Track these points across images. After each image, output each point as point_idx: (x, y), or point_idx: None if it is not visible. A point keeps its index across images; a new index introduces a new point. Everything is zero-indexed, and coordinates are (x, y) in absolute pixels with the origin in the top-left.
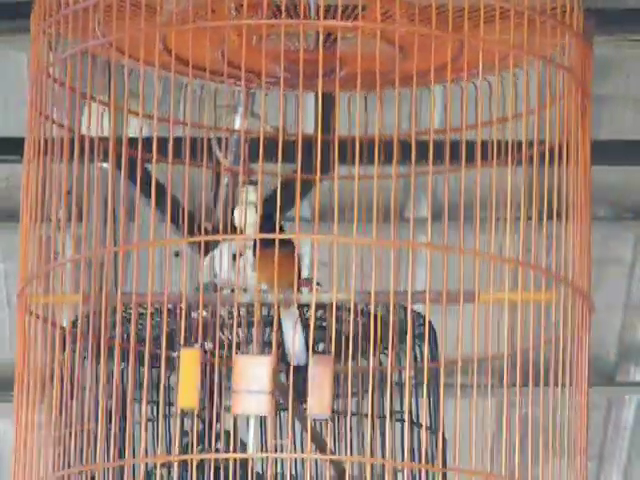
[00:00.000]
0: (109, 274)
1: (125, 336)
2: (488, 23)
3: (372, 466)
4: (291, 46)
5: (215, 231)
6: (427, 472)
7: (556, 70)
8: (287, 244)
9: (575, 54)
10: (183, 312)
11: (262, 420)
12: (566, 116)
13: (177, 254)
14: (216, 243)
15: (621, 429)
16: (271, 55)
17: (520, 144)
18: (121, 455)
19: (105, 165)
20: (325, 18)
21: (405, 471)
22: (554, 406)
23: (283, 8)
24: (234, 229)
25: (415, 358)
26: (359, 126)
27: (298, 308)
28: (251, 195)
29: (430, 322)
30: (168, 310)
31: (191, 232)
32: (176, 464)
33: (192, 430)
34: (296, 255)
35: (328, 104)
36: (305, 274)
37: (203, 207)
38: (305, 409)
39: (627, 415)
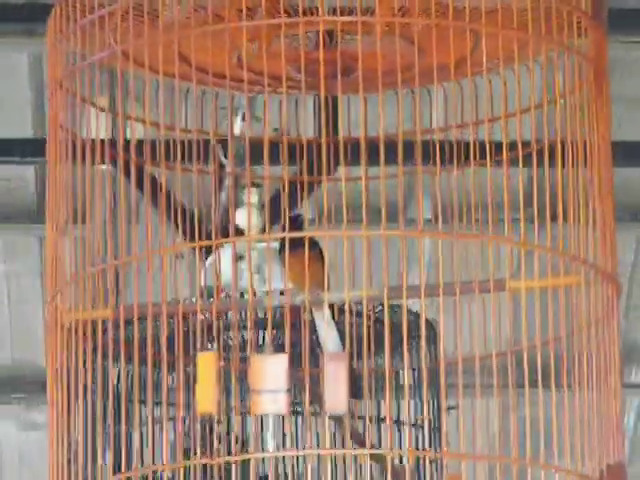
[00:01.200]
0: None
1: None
2: (491, 13)
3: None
4: (299, 46)
5: (218, 233)
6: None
7: (575, 58)
8: (313, 245)
9: (589, 38)
10: (198, 317)
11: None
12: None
13: (181, 256)
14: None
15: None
16: (285, 58)
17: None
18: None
19: (104, 167)
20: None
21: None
22: (585, 394)
23: (282, 8)
24: (237, 231)
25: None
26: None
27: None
28: (253, 197)
29: (430, 322)
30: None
31: (195, 236)
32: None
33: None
34: (315, 255)
35: (329, 106)
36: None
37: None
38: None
39: (628, 417)
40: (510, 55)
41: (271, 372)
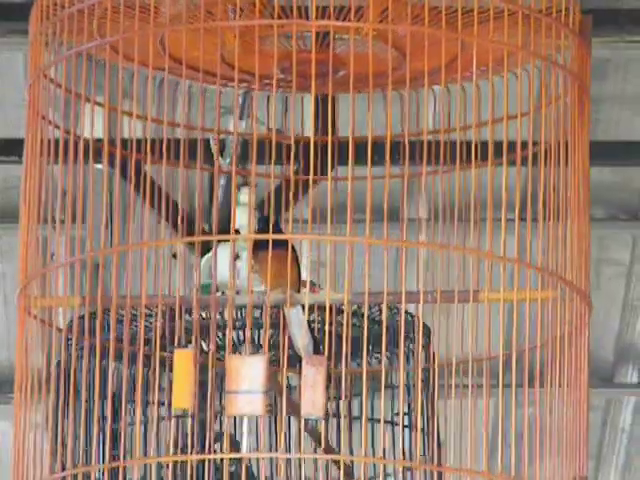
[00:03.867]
0: (107, 276)
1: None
2: (483, 23)
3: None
4: (289, 47)
5: (211, 232)
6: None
7: (556, 69)
8: (286, 245)
9: (574, 53)
10: (178, 313)
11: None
12: (565, 115)
13: (175, 255)
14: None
15: (619, 430)
16: (272, 57)
17: (516, 144)
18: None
19: (99, 166)
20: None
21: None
22: (552, 406)
23: (276, 9)
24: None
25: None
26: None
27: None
28: (244, 196)
29: (425, 325)
30: (164, 311)
31: (189, 233)
32: (171, 465)
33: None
34: (290, 255)
35: (326, 106)
36: (303, 275)
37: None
38: None
39: (625, 416)
40: (497, 64)
41: (248, 373)
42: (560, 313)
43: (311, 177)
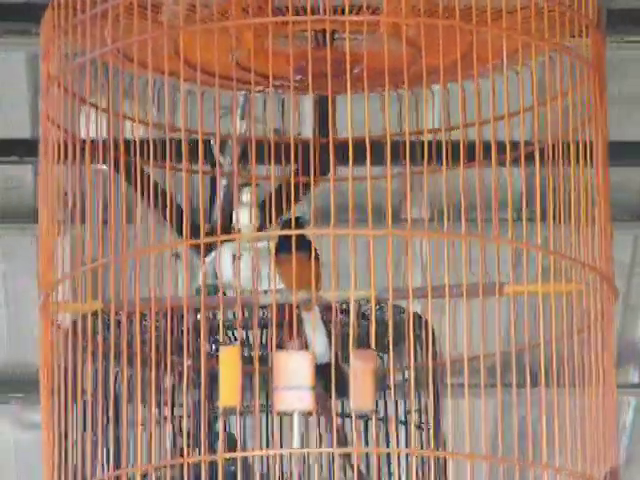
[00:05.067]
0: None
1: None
2: (498, 18)
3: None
4: (300, 46)
5: (214, 232)
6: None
7: (579, 60)
8: (309, 248)
9: (592, 45)
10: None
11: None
12: (588, 105)
13: (177, 256)
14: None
15: (620, 430)
16: (282, 57)
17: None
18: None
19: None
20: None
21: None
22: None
23: (290, 7)
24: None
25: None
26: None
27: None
28: (246, 196)
29: (428, 322)
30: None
31: (192, 234)
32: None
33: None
34: (310, 257)
35: (327, 106)
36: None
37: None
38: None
39: (625, 417)
40: (510, 56)
41: (296, 368)
42: (592, 302)
43: (312, 177)
